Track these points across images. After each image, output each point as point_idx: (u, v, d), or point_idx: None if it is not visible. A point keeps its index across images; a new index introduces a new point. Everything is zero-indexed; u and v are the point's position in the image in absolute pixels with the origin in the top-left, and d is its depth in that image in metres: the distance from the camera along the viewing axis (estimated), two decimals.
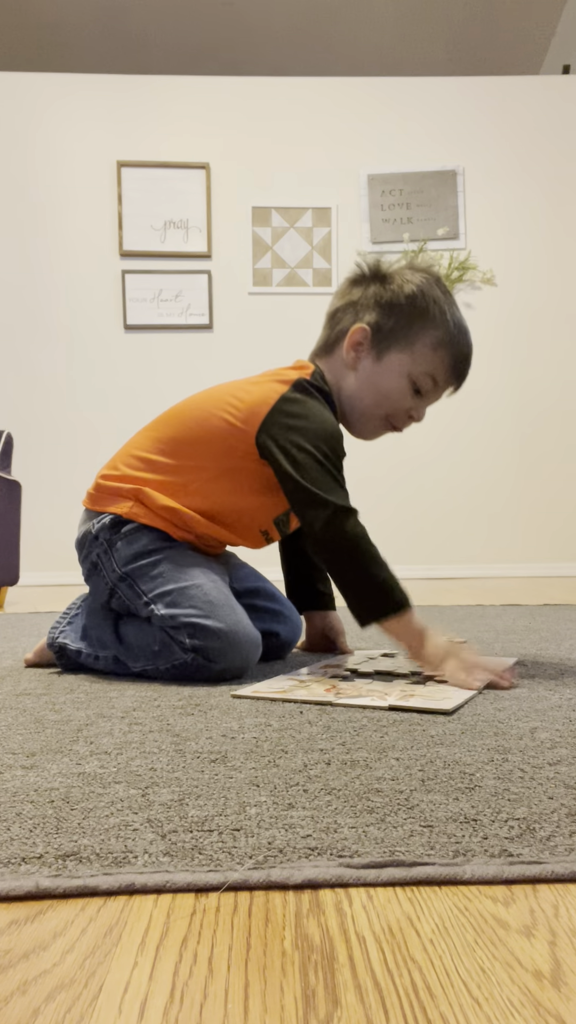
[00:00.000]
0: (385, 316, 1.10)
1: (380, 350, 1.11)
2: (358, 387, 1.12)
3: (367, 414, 1.14)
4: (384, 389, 1.11)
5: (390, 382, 1.11)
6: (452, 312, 1.11)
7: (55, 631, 1.12)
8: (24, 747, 0.69)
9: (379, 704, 0.82)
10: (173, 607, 1.01)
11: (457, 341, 1.10)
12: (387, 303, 1.10)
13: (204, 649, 0.98)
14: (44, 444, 3.77)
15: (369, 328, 1.10)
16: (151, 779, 0.58)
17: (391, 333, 1.10)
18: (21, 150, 3.88)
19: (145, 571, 1.05)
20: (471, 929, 0.37)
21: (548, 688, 0.92)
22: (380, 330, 1.10)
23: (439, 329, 1.09)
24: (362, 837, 0.46)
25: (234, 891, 0.41)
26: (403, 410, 1.13)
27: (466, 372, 1.13)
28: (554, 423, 3.96)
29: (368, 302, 1.12)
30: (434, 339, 1.09)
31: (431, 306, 1.09)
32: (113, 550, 1.08)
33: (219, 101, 3.96)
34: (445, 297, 1.11)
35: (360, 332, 1.11)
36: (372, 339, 1.11)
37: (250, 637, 1.01)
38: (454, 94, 4.01)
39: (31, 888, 0.41)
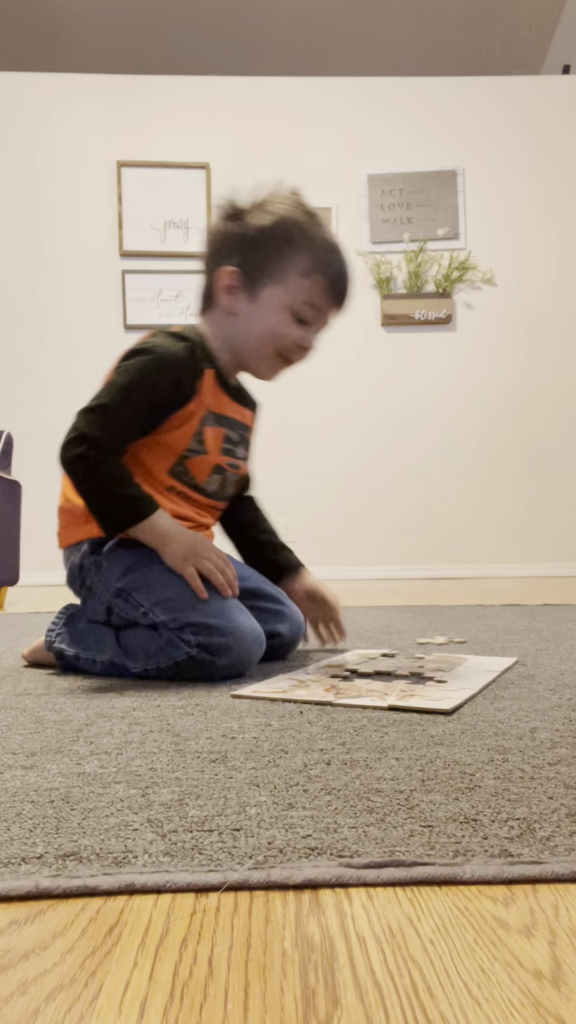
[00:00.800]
0: (249, 253, 1.07)
1: (253, 289, 1.08)
2: (242, 330, 1.10)
3: (258, 354, 1.11)
4: (266, 327, 1.08)
5: (270, 318, 1.08)
6: (318, 233, 1.07)
7: (51, 634, 1.12)
8: (24, 747, 0.69)
9: (379, 704, 0.82)
10: (174, 611, 1.01)
11: (329, 262, 1.07)
12: (249, 239, 1.07)
13: (208, 645, 0.98)
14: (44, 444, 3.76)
15: (237, 269, 1.08)
16: (151, 779, 0.58)
17: (259, 269, 1.07)
18: (21, 150, 3.88)
19: (139, 582, 1.04)
20: (471, 929, 0.37)
21: (548, 688, 0.92)
22: (248, 268, 1.07)
23: (307, 254, 1.06)
24: (362, 837, 0.46)
25: (234, 891, 0.41)
26: (291, 343, 1.10)
27: (345, 291, 1.10)
28: (554, 423, 3.96)
29: (231, 242, 1.09)
30: (304, 265, 1.06)
31: (294, 232, 1.06)
32: (102, 570, 1.07)
33: (219, 101, 3.96)
34: (309, 219, 1.08)
35: (228, 275, 1.08)
36: (242, 279, 1.08)
37: (254, 633, 1.01)
38: (454, 94, 4.01)
39: (31, 888, 0.41)
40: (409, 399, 3.93)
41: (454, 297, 3.95)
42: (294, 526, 3.91)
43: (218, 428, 1.13)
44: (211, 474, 1.14)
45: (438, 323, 3.93)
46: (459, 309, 3.96)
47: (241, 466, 1.20)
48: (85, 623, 1.11)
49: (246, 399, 1.22)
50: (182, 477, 1.12)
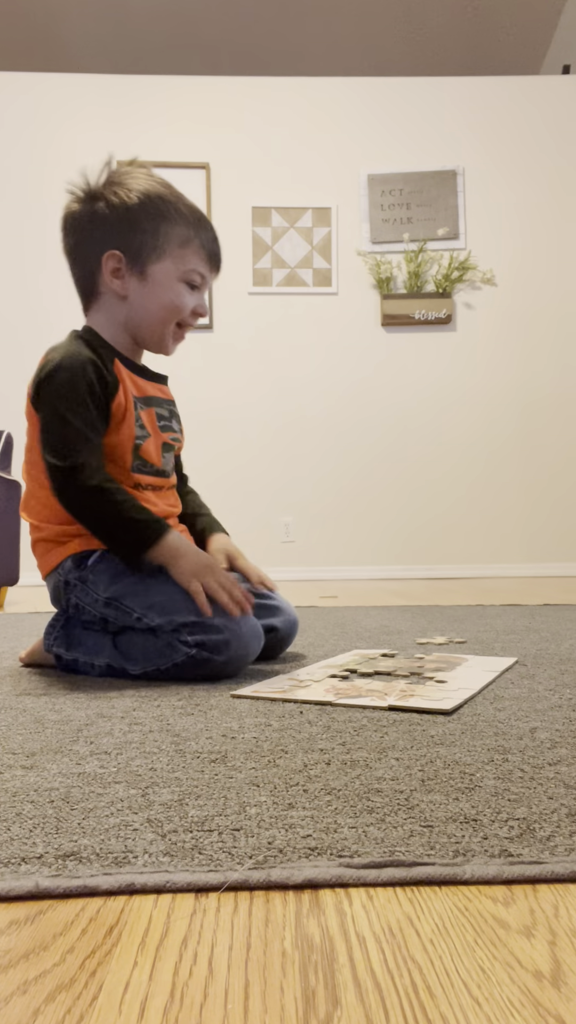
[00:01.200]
0: (127, 233, 1.08)
1: (140, 268, 1.09)
2: (139, 310, 1.11)
3: (158, 330, 1.13)
4: (164, 302, 1.10)
5: (167, 293, 1.10)
6: (184, 202, 1.10)
7: (49, 637, 1.11)
8: (24, 747, 0.69)
9: (379, 704, 0.82)
10: (168, 613, 1.01)
11: (200, 228, 1.10)
12: (122, 219, 1.07)
13: (207, 644, 0.98)
14: None
15: (119, 251, 1.08)
16: (151, 779, 0.58)
17: (141, 248, 1.08)
18: (22, 150, 3.88)
19: (128, 588, 1.04)
20: (471, 929, 0.37)
21: (548, 688, 0.92)
22: (130, 249, 1.08)
23: (180, 225, 1.08)
24: (362, 837, 0.46)
25: (234, 891, 0.41)
26: (187, 311, 1.12)
27: (219, 255, 1.14)
28: (554, 423, 3.96)
29: (102, 226, 1.09)
30: (180, 236, 1.09)
31: (162, 205, 1.08)
32: (88, 584, 1.07)
33: (219, 101, 3.96)
34: (169, 191, 1.10)
35: (112, 259, 1.09)
36: (127, 261, 1.09)
37: (251, 626, 1.02)
38: (454, 94, 4.01)
39: (31, 888, 0.41)
40: (409, 399, 3.93)
41: (454, 297, 3.95)
42: (294, 526, 3.91)
43: (148, 409, 1.14)
44: (162, 453, 1.15)
45: (438, 323, 3.93)
46: (459, 309, 3.96)
47: (181, 439, 1.21)
48: (81, 628, 1.10)
49: (156, 376, 1.21)
50: (143, 468, 1.12)
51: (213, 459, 3.70)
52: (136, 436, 1.10)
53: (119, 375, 1.10)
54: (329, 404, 3.93)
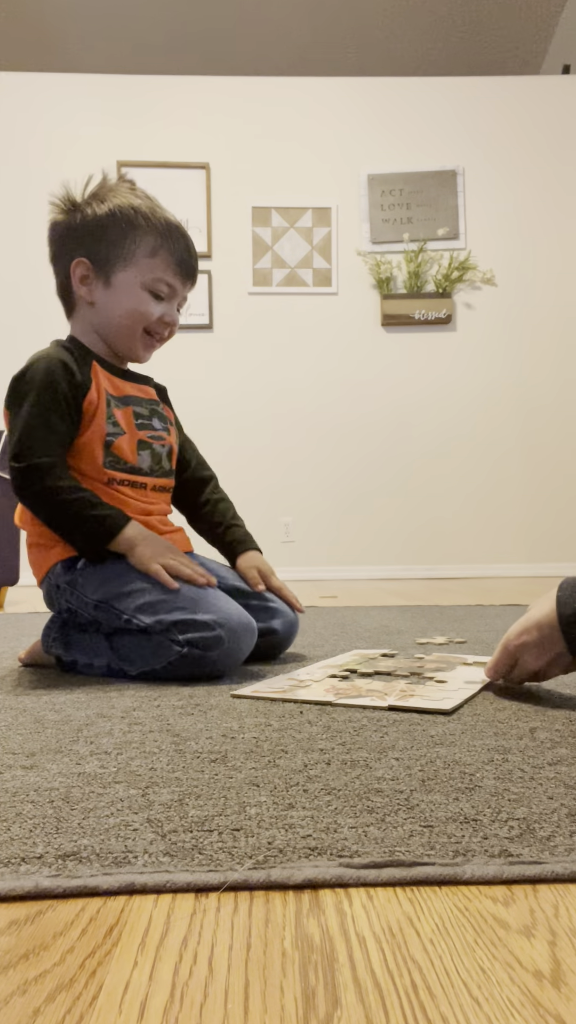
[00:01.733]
0: (95, 242, 1.11)
1: (106, 275, 1.12)
2: (105, 317, 1.14)
3: (125, 336, 1.15)
4: (126, 308, 1.12)
5: (129, 300, 1.12)
6: (157, 214, 1.12)
7: (47, 639, 1.11)
8: (24, 747, 0.69)
9: (379, 704, 0.82)
10: (157, 613, 1.01)
11: (171, 241, 1.12)
12: (92, 229, 1.11)
13: (198, 641, 0.98)
14: None
15: (87, 259, 1.11)
16: (151, 779, 0.58)
17: (108, 256, 1.11)
18: (21, 150, 3.88)
19: (116, 591, 1.04)
20: (471, 929, 0.37)
21: (548, 688, 0.92)
22: (97, 257, 1.11)
23: (150, 235, 1.11)
24: (362, 837, 0.46)
25: (234, 891, 0.41)
26: (154, 320, 1.14)
27: (192, 267, 1.15)
28: (554, 423, 3.96)
29: (74, 235, 1.12)
30: (149, 246, 1.11)
31: (133, 216, 1.10)
32: (77, 587, 1.07)
33: (219, 101, 3.96)
34: (147, 202, 1.13)
35: (80, 266, 1.12)
36: (94, 268, 1.12)
37: (242, 622, 1.01)
38: (454, 94, 4.01)
39: (31, 888, 0.41)
40: (409, 399, 3.93)
41: (454, 297, 3.95)
42: (294, 526, 3.91)
43: (125, 408, 1.15)
44: (139, 451, 1.15)
45: (438, 323, 3.93)
46: (459, 309, 3.96)
47: (166, 438, 1.21)
48: (77, 632, 1.11)
49: (140, 378, 1.23)
50: (116, 465, 1.13)
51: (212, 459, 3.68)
52: (107, 433, 1.11)
53: (94, 375, 1.12)
54: (329, 404, 3.93)
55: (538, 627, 0.82)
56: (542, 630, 0.81)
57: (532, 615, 0.83)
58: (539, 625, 0.81)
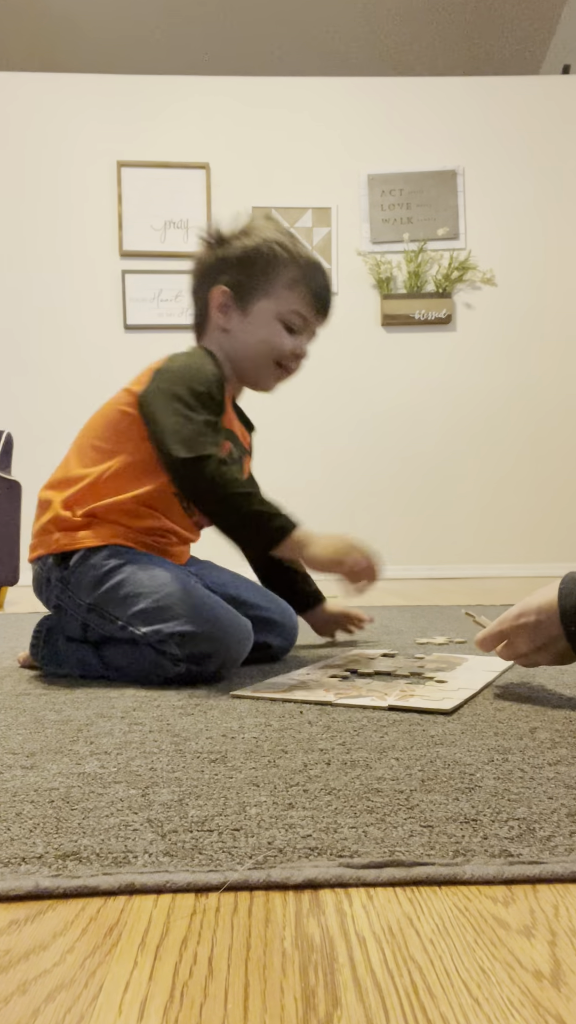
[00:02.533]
0: (239, 272, 1.15)
1: (244, 304, 1.15)
2: (238, 344, 1.17)
3: (256, 366, 1.18)
4: (261, 337, 1.15)
5: (263, 329, 1.15)
6: (299, 250, 1.16)
7: (36, 655, 1.09)
8: (24, 747, 0.69)
9: (379, 704, 0.82)
10: (153, 623, 0.98)
11: (311, 275, 1.16)
12: (237, 260, 1.15)
13: (196, 656, 0.97)
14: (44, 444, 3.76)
15: (228, 288, 1.15)
16: (151, 779, 0.58)
17: (249, 285, 1.15)
18: (21, 150, 3.87)
19: (111, 595, 1.02)
20: (471, 929, 0.37)
21: (548, 688, 0.93)
22: (239, 286, 1.15)
23: (291, 268, 1.14)
24: (362, 837, 0.46)
25: (234, 891, 0.41)
26: (286, 351, 1.17)
27: (327, 302, 1.19)
28: (554, 423, 3.96)
29: (219, 266, 1.16)
30: (289, 279, 1.14)
31: (277, 251, 1.14)
32: (70, 586, 1.05)
33: (219, 101, 3.96)
34: (291, 239, 1.17)
35: (221, 294, 1.16)
36: (234, 297, 1.15)
37: (239, 629, 1.00)
38: (454, 94, 4.01)
39: (31, 888, 0.41)
40: (409, 399, 3.93)
41: (454, 297, 3.95)
42: None
43: (224, 442, 1.14)
44: None
45: (438, 323, 3.93)
46: (459, 309, 3.96)
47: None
48: (64, 642, 1.08)
49: (246, 419, 1.27)
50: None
51: None
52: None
53: (225, 400, 1.15)
54: (328, 403, 3.92)
55: (537, 612, 0.82)
56: (540, 616, 0.82)
57: (532, 601, 0.84)
58: (538, 610, 0.82)
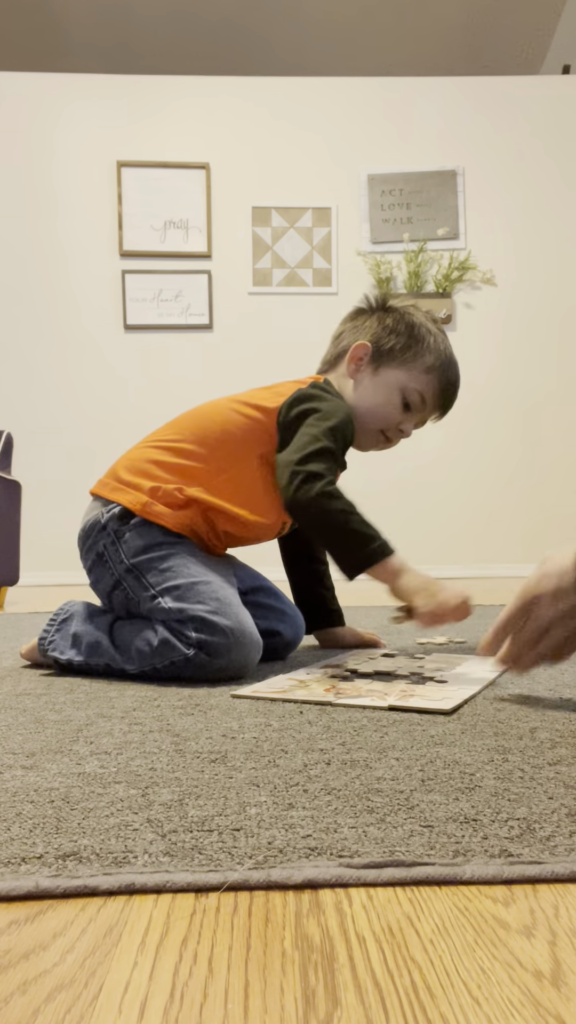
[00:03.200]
0: (386, 336, 1.22)
1: (378, 365, 1.22)
2: (356, 397, 1.22)
3: (363, 424, 1.21)
4: (378, 400, 1.21)
5: (384, 394, 1.21)
6: (446, 346, 1.24)
7: (44, 642, 1.10)
8: (24, 747, 0.69)
9: (379, 704, 0.82)
10: (182, 601, 1.01)
11: (447, 370, 1.23)
12: (389, 326, 1.23)
13: (208, 644, 0.98)
14: (44, 444, 3.77)
15: (370, 345, 1.22)
16: (151, 779, 0.58)
17: (390, 351, 1.22)
18: (21, 150, 3.87)
19: (154, 564, 1.05)
20: (471, 929, 0.37)
21: (548, 688, 0.92)
22: (380, 347, 1.22)
23: (433, 356, 1.21)
24: (362, 837, 0.46)
25: (234, 891, 0.41)
26: (394, 423, 1.23)
27: (452, 399, 1.26)
28: (554, 423, 3.96)
29: (371, 325, 1.24)
30: (427, 363, 1.21)
31: (428, 336, 1.22)
32: (121, 541, 1.08)
33: (219, 101, 3.96)
34: (441, 335, 1.25)
35: (362, 348, 1.22)
36: (372, 355, 1.22)
37: (254, 639, 1.01)
38: (454, 94, 4.01)
39: (31, 888, 0.41)
40: None
41: (454, 297, 3.95)
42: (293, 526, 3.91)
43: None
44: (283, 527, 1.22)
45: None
46: (459, 309, 3.96)
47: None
48: (78, 626, 1.09)
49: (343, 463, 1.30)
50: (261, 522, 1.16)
51: None
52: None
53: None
54: None
55: (558, 576, 0.78)
56: (561, 579, 0.78)
57: (549, 567, 0.79)
58: (560, 574, 0.78)
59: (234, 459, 1.13)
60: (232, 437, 1.14)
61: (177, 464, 1.12)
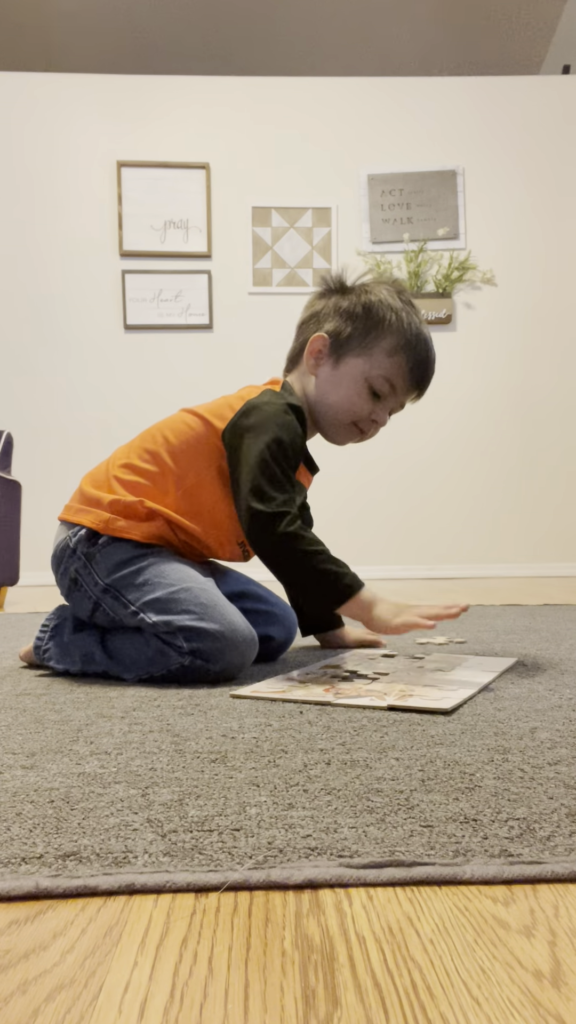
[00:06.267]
0: (343, 324, 1.13)
1: (338, 356, 1.14)
2: (320, 393, 1.15)
3: (331, 419, 1.16)
4: (343, 393, 1.14)
5: (348, 387, 1.13)
6: (411, 320, 1.13)
7: (39, 650, 1.10)
8: (24, 747, 0.69)
9: (378, 704, 0.82)
10: (165, 613, 0.99)
11: (414, 347, 1.13)
12: (346, 312, 1.14)
13: (202, 651, 0.97)
14: (44, 444, 3.77)
15: (328, 336, 1.14)
16: (151, 779, 0.58)
17: (348, 340, 1.13)
18: (21, 150, 3.87)
19: (129, 580, 1.03)
20: (471, 929, 0.37)
21: (548, 688, 0.92)
22: (338, 337, 1.13)
23: (394, 336, 1.12)
24: (362, 837, 0.46)
25: (234, 891, 0.41)
26: (365, 414, 1.15)
27: (425, 378, 1.16)
28: (554, 423, 3.96)
29: (329, 312, 1.15)
30: (390, 345, 1.12)
31: (388, 314, 1.12)
32: (93, 563, 1.06)
33: (219, 101, 3.96)
34: (406, 307, 1.14)
35: (319, 340, 1.14)
36: (331, 346, 1.14)
37: (246, 635, 1.01)
38: (454, 94, 4.01)
39: (31, 888, 0.41)
40: None
41: (454, 297, 3.95)
42: None
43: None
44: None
45: (438, 323, 3.93)
46: (459, 309, 3.96)
47: None
48: (71, 634, 1.08)
49: (313, 466, 1.24)
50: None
51: None
52: None
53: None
54: None
55: None
56: None
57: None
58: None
59: (190, 472, 1.09)
60: (184, 452, 1.09)
61: (133, 482, 1.08)
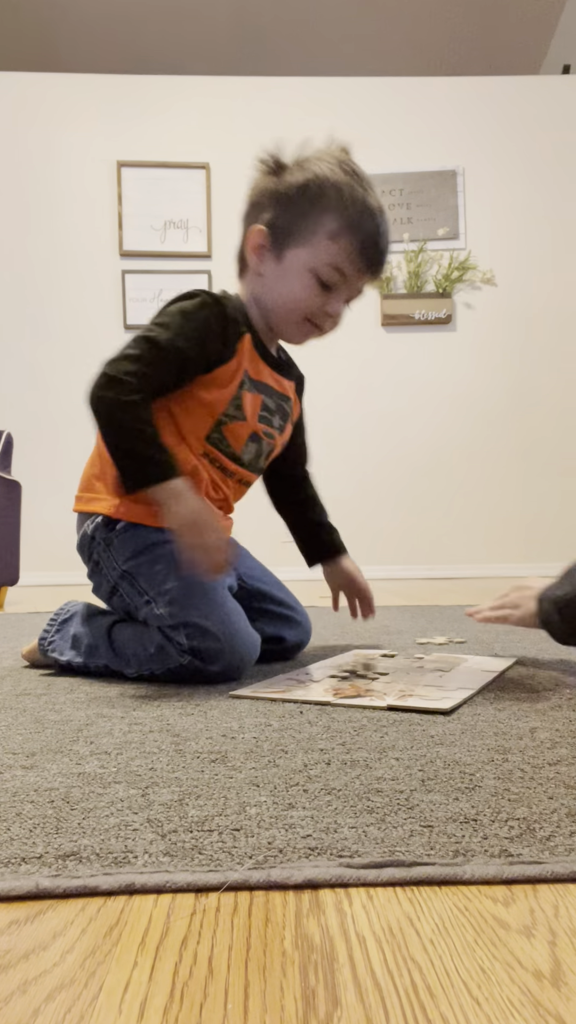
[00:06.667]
0: (280, 212, 1.02)
1: (280, 249, 1.03)
2: (267, 292, 1.07)
3: (282, 319, 1.08)
4: (289, 289, 1.04)
5: (293, 281, 1.03)
6: (354, 195, 1.00)
7: (44, 642, 1.11)
8: (24, 747, 0.69)
9: (378, 704, 0.82)
10: (173, 605, 1.00)
11: (360, 225, 1.00)
12: (282, 197, 1.02)
13: (201, 651, 0.97)
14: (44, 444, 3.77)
15: (266, 228, 1.04)
16: (151, 779, 0.58)
17: (287, 229, 1.02)
18: (21, 150, 3.88)
19: (145, 568, 1.04)
20: (471, 929, 0.37)
21: (548, 688, 0.92)
22: (277, 228, 1.03)
23: (336, 215, 1.00)
24: (362, 837, 0.46)
25: (234, 891, 0.41)
26: (316, 308, 1.05)
27: (378, 257, 1.04)
28: (554, 423, 3.96)
29: (265, 199, 1.04)
30: (332, 228, 1.00)
31: (327, 191, 1.00)
32: (111, 548, 1.07)
33: (219, 101, 3.96)
34: (349, 179, 1.01)
35: (258, 234, 1.04)
36: (270, 239, 1.04)
37: (248, 639, 1.01)
38: (454, 94, 4.01)
39: (31, 888, 0.41)
40: (409, 399, 3.93)
41: (454, 297, 3.95)
42: None
43: (256, 394, 1.08)
44: (247, 442, 1.10)
45: (438, 323, 3.93)
46: (459, 309, 3.96)
47: (276, 436, 1.16)
48: (78, 627, 1.09)
49: (286, 369, 1.16)
50: (219, 444, 1.08)
51: None
52: (224, 412, 1.06)
53: (240, 350, 1.06)
54: (328, 403, 3.92)
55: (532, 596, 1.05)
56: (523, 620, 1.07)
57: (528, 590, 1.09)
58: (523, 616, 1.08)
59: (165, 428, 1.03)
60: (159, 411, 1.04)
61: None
